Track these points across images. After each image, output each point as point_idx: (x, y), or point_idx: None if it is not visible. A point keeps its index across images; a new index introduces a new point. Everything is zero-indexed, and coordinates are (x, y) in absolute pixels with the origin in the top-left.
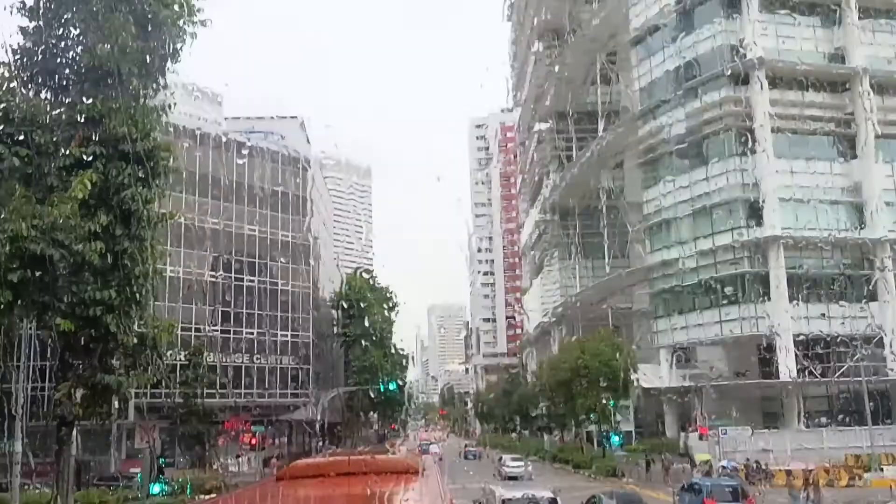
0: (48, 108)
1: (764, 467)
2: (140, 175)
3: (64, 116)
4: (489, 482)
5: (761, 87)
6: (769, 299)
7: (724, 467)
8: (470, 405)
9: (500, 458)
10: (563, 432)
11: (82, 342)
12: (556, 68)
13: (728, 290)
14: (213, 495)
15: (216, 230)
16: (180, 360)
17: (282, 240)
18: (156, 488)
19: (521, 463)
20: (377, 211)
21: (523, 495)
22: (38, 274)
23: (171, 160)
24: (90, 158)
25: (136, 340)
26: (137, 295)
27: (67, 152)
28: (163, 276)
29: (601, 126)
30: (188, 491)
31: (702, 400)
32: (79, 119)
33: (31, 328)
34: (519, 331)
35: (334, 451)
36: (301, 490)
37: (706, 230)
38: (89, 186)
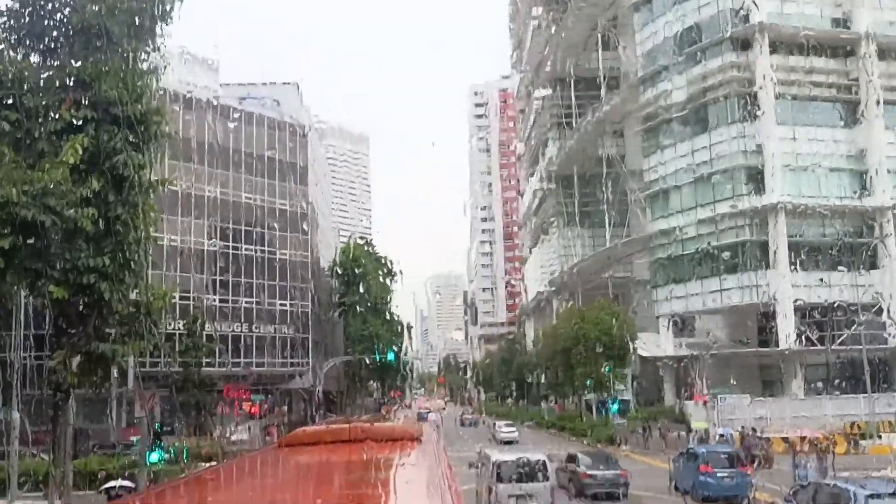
0: (37, 72)
1: (759, 434)
2: (132, 140)
3: (54, 80)
4: (485, 447)
5: (763, 52)
6: (769, 267)
7: (720, 435)
8: (469, 374)
9: (495, 424)
10: (562, 401)
11: (76, 310)
12: (557, 32)
13: (728, 258)
14: (212, 462)
15: (212, 198)
16: (178, 329)
17: (279, 208)
18: (154, 456)
19: (514, 429)
20: (375, 180)
21: (517, 458)
22: (29, 241)
23: (164, 125)
24: (81, 123)
25: (130, 308)
26: (131, 262)
27: (58, 116)
28: (158, 244)
29: (602, 93)
30: (184, 457)
31: (700, 368)
32: (68, 82)
33: (24, 296)
34: (518, 300)
35: (334, 420)
36: (302, 457)
37: (707, 198)
38: (80, 151)
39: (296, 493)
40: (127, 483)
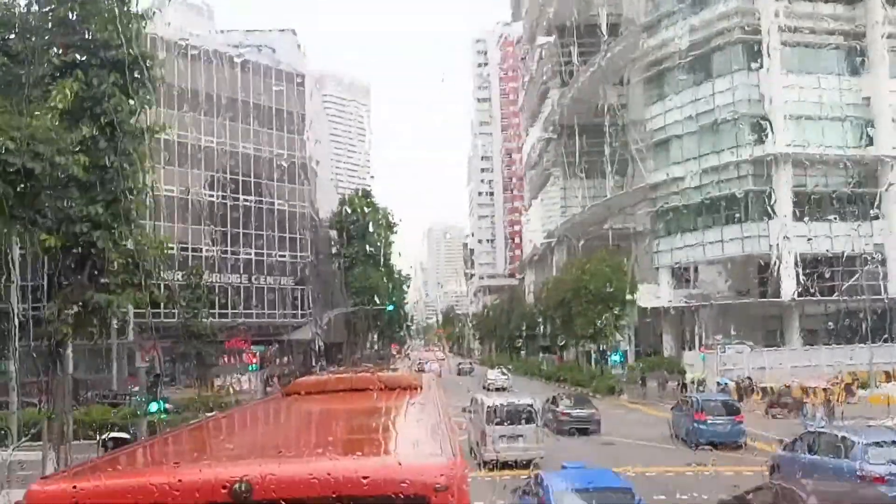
0: (25, 13)
1: (755, 384)
2: (123, 84)
3: (41, 22)
4: (477, 392)
5: None
6: (771, 217)
7: (717, 384)
8: (469, 325)
9: (487, 373)
10: (562, 352)
11: (71, 260)
12: None
13: (731, 208)
14: (214, 413)
15: (210, 148)
16: (178, 279)
17: (276, 157)
18: (154, 406)
19: (505, 376)
20: (375, 131)
21: (507, 403)
22: (19, 188)
23: (157, 69)
24: (70, 67)
25: (125, 258)
26: (125, 211)
27: (47, 60)
28: (155, 194)
29: (604, 40)
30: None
31: (701, 319)
32: (57, 25)
33: (18, 245)
34: (518, 251)
35: (337, 370)
36: (307, 405)
37: (709, 147)
38: (70, 96)
39: (300, 438)
40: (121, 434)
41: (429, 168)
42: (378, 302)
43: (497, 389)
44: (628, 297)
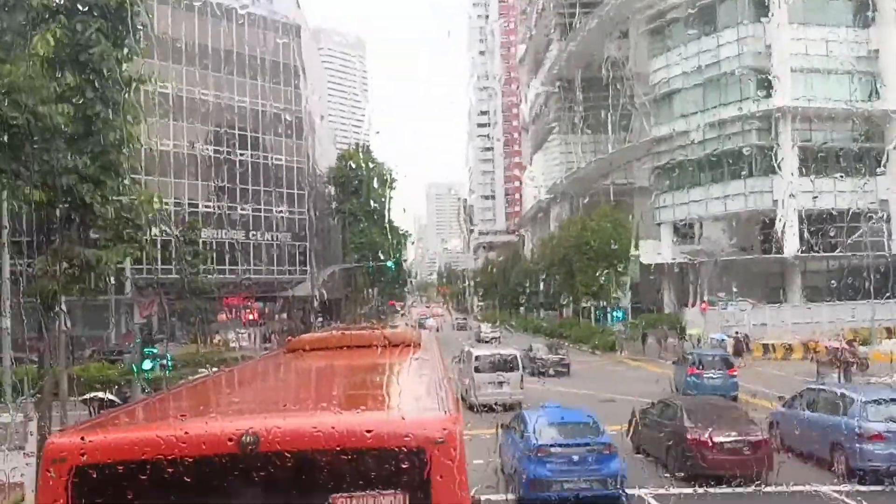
0: None
1: (750, 341)
2: (108, 31)
3: None
4: (468, 345)
5: None
6: (777, 173)
7: (713, 339)
8: (468, 282)
9: (479, 327)
10: (563, 309)
11: (59, 215)
12: None
13: (735, 163)
14: (215, 369)
15: (205, 101)
16: (175, 234)
17: (273, 112)
18: (147, 364)
19: (496, 330)
20: (373, 88)
21: (493, 354)
22: (2, 139)
23: (144, 16)
24: (53, 13)
25: (116, 213)
26: (114, 163)
27: (27, 5)
28: (150, 150)
29: None
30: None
31: (702, 276)
32: None
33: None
34: (518, 208)
35: (338, 326)
36: (310, 361)
37: (714, 101)
38: (52, 43)
39: (304, 393)
40: (110, 397)
41: (429, 126)
42: (377, 258)
43: (488, 341)
44: (632, 252)
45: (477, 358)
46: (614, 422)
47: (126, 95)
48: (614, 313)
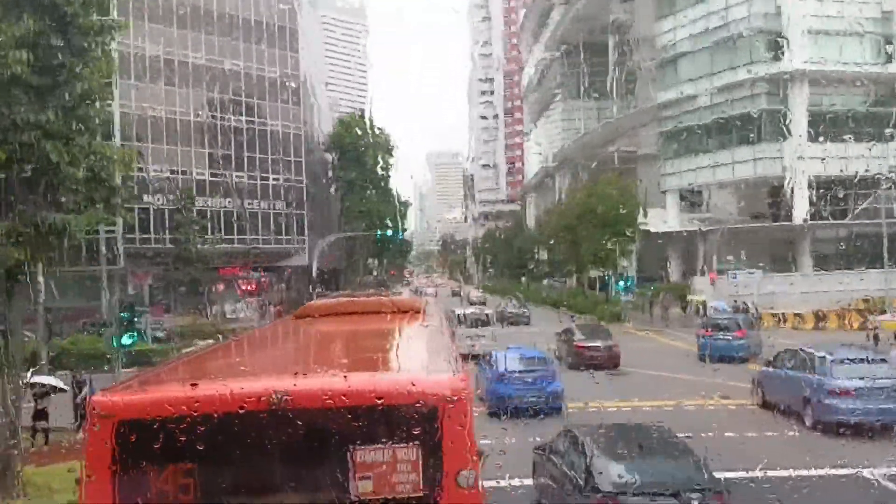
0: None
1: (754, 309)
2: None
3: None
4: (458, 307)
5: None
6: (787, 138)
7: (714, 308)
8: (469, 252)
9: (469, 293)
10: (566, 278)
11: (22, 176)
12: None
13: (744, 128)
14: (209, 341)
15: (198, 65)
16: (168, 204)
17: (269, 76)
18: (126, 339)
19: (483, 295)
20: (372, 55)
21: (472, 312)
22: None
23: None
24: None
25: (85, 173)
26: (83, 119)
27: None
28: (142, 116)
29: None
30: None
31: (710, 244)
32: None
33: None
34: (520, 177)
35: (344, 294)
36: (318, 326)
37: (723, 65)
38: None
39: (324, 356)
40: (45, 380)
41: (428, 94)
42: (377, 227)
43: (475, 303)
44: (640, 220)
45: (460, 315)
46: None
47: (97, 45)
48: (621, 282)
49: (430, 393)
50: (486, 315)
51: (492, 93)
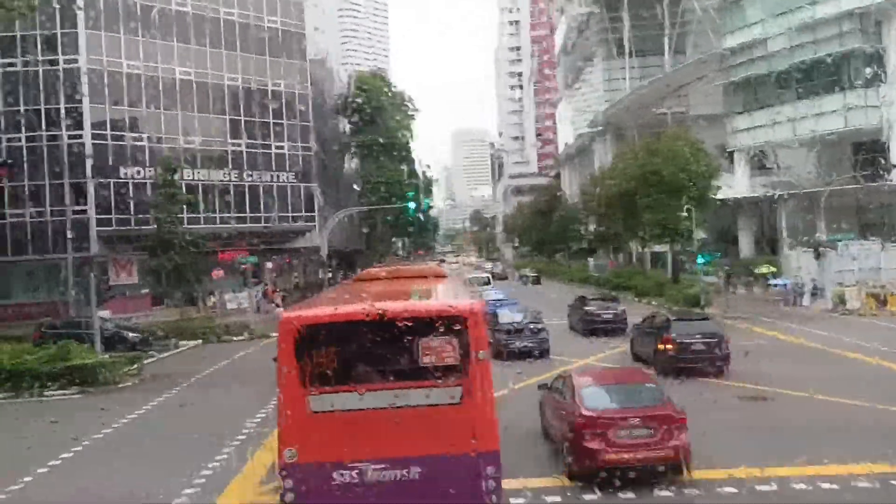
0: None
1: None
2: None
3: None
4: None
5: None
6: (882, 84)
7: (775, 285)
8: (498, 229)
9: (484, 264)
10: (616, 255)
11: None
12: None
13: (829, 75)
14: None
15: (182, 13)
16: (149, 177)
17: (268, 25)
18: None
19: (496, 266)
20: (395, 27)
21: (475, 276)
22: None
23: None
24: None
25: None
26: None
27: None
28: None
29: None
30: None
31: (786, 212)
32: None
33: None
34: (551, 148)
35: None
36: (372, 286)
37: (801, 1)
38: None
39: (397, 293)
40: None
41: (454, 69)
42: (398, 199)
43: (490, 271)
44: (713, 183)
45: (465, 279)
46: None
47: None
48: (699, 258)
49: (461, 309)
50: (487, 278)
51: (519, 61)
